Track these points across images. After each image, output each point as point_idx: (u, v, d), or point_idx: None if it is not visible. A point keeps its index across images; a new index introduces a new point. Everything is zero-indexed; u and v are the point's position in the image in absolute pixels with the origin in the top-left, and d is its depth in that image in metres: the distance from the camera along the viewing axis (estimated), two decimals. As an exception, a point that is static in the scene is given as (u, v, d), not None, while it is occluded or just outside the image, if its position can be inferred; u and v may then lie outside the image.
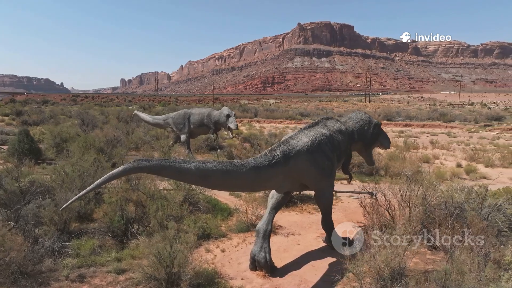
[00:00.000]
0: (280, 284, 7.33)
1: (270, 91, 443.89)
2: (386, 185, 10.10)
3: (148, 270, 6.75)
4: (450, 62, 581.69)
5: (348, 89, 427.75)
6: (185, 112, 20.49)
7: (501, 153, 25.43)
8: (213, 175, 6.36)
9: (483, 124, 50.02)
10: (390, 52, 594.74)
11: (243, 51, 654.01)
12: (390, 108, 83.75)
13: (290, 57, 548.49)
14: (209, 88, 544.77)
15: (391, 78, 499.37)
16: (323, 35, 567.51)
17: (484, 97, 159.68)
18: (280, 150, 7.29)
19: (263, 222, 7.85)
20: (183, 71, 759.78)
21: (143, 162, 5.99)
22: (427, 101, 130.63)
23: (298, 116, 63.90)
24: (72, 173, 11.29)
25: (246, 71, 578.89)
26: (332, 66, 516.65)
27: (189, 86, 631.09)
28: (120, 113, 43.83)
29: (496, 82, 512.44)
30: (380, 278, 5.46)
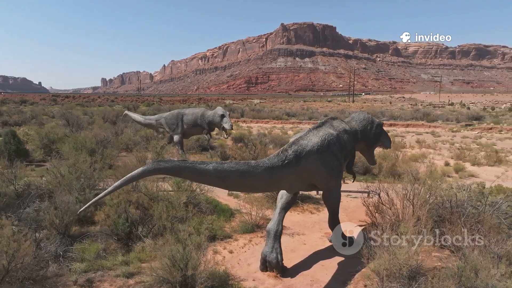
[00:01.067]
0: (292, 284, 7.33)
1: (253, 91, 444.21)
2: (387, 185, 10.23)
3: (162, 273, 6.63)
4: (429, 63, 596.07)
5: (331, 89, 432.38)
6: (178, 112, 20.25)
7: (485, 152, 26.24)
8: (231, 176, 6.31)
9: (465, 124, 51.42)
10: (372, 53, 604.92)
11: (227, 51, 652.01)
12: (374, 108, 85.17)
13: (273, 57, 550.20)
14: (192, 88, 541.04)
15: (373, 78, 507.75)
16: (306, 36, 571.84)
17: (462, 97, 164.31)
18: (292, 150, 7.29)
19: (274, 223, 7.83)
20: (165, 70, 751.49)
21: (162, 163, 5.89)
22: (409, 101, 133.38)
23: (285, 116, 64.19)
24: (69, 175, 10.99)
25: (230, 71, 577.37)
26: (315, 67, 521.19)
27: (172, 86, 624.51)
28: (105, 114, 43.00)
29: (473, 82, 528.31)
30: (400, 276, 5.52)
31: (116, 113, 48.15)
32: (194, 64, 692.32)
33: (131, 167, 13.04)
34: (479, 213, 7.20)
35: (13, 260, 5.58)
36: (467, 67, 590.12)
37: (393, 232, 6.97)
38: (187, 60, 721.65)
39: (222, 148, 25.29)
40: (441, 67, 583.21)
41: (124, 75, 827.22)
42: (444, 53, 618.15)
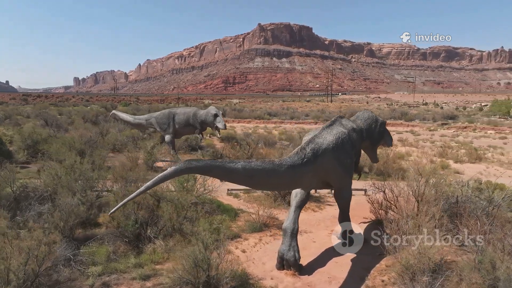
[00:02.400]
0: (311, 281, 7.38)
1: (231, 91, 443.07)
2: (391, 182, 10.46)
3: (184, 275, 6.52)
4: (402, 64, 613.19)
5: (308, 89, 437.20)
6: (169, 112, 19.93)
7: (465, 150, 27.29)
8: (258, 174, 6.30)
9: (441, 123, 53.30)
10: (347, 53, 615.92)
11: (204, 51, 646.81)
12: (353, 108, 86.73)
13: (251, 57, 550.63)
14: (169, 87, 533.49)
15: (348, 79, 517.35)
16: (282, 36, 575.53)
17: (435, 97, 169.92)
18: (309, 149, 7.34)
19: (290, 221, 7.85)
20: (141, 70, 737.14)
21: (194, 162, 5.80)
22: (384, 101, 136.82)
23: (266, 116, 64.41)
24: (67, 177, 10.62)
25: (207, 70, 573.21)
26: (292, 67, 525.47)
27: (147, 86, 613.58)
28: (85, 114, 41.83)
29: (443, 83, 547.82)
30: (429, 270, 5.67)
31: (96, 113, 46.99)
32: (171, 63, 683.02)
33: (129, 167, 12.72)
34: (492, 207, 7.49)
35: (42, 265, 5.33)
36: (437, 68, 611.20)
37: (410, 229, 7.12)
38: (163, 60, 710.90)
39: (211, 148, 25.14)
40: (413, 68, 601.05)
41: (98, 74, 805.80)
42: (416, 55, 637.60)
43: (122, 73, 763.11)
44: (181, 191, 10.86)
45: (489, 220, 7.18)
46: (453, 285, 5.24)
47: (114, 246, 8.44)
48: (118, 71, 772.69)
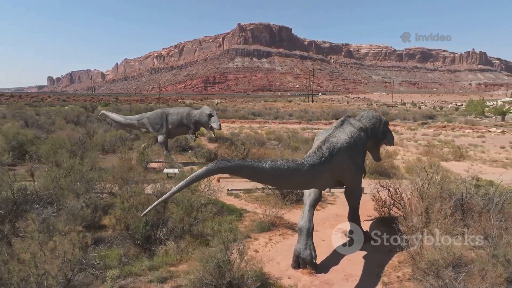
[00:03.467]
0: (328, 279, 7.44)
1: (211, 91, 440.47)
2: (395, 181, 10.67)
3: (206, 276, 6.44)
4: (379, 65, 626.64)
5: (288, 89, 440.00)
6: (162, 111, 19.61)
7: (448, 148, 28.19)
8: (284, 174, 6.31)
9: (421, 123, 54.84)
10: (326, 54, 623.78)
11: (183, 50, 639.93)
12: (334, 108, 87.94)
13: (230, 57, 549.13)
14: (147, 87, 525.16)
15: (327, 79, 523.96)
16: (262, 36, 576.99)
17: (412, 97, 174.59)
18: (325, 148, 7.40)
19: (305, 220, 7.89)
20: (118, 69, 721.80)
21: (225, 162, 5.75)
22: (364, 101, 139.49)
23: (251, 116, 64.49)
24: (67, 179, 10.30)
25: (186, 70, 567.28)
26: (272, 67, 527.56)
27: (125, 85, 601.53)
28: (68, 114, 40.70)
29: (418, 84, 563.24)
30: (453, 265, 5.83)
31: (77, 113, 45.79)
32: (149, 63, 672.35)
33: (128, 168, 12.46)
34: (502, 204, 7.77)
35: (75, 269, 5.14)
36: (413, 69, 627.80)
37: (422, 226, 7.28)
38: (142, 59, 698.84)
39: (201, 148, 24.93)
40: (390, 68, 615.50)
41: (73, 73, 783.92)
42: (393, 56, 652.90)
43: (99, 73, 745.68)
44: (186, 191, 10.73)
45: (499, 216, 7.45)
46: (476, 279, 5.41)
47: (124, 249, 8.26)
48: (95, 71, 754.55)
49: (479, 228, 6.92)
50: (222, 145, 24.18)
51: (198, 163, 19.52)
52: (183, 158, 21.39)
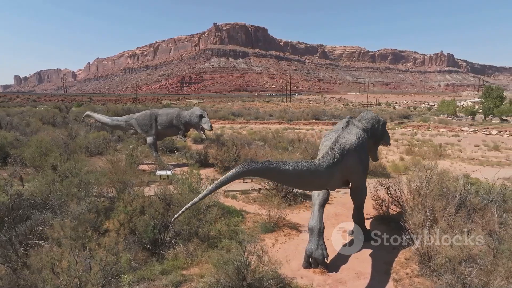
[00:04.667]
0: (340, 278, 7.57)
1: (187, 91, 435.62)
2: (393, 180, 10.95)
3: (226, 279, 6.40)
4: (353, 66, 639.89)
5: (265, 89, 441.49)
6: (151, 112, 19.24)
7: (427, 147, 29.21)
8: (305, 175, 6.37)
9: (398, 122, 56.43)
10: (301, 55, 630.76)
11: (158, 50, 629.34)
12: (313, 108, 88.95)
13: (206, 57, 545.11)
14: (121, 87, 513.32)
15: (303, 79, 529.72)
16: (238, 36, 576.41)
17: (386, 97, 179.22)
18: (337, 149, 7.53)
19: (316, 220, 7.98)
20: (90, 68, 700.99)
21: (253, 164, 5.75)
22: (340, 101, 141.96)
23: (231, 116, 64.29)
24: (65, 183, 9.96)
25: (162, 70, 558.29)
26: (249, 67, 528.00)
27: (98, 85, 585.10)
28: (43, 115, 39.28)
29: (391, 84, 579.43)
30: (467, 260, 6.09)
31: (53, 114, 44.23)
32: (123, 62, 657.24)
33: (124, 171, 12.18)
34: (505, 201, 8.15)
35: (109, 274, 4.98)
36: (385, 70, 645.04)
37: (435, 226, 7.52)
38: (115, 58, 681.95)
39: (188, 149, 24.68)
40: (363, 69, 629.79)
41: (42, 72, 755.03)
42: (366, 57, 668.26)
43: (70, 72, 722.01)
44: (189, 193, 10.62)
45: (499, 212, 7.82)
46: (492, 273, 5.67)
47: (132, 253, 8.08)
48: (65, 70, 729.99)
49: (484, 224, 7.23)
50: (208, 146, 24.05)
51: (187, 164, 19.33)
52: (171, 160, 21.11)
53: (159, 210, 8.93)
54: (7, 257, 6.14)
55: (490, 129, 45.73)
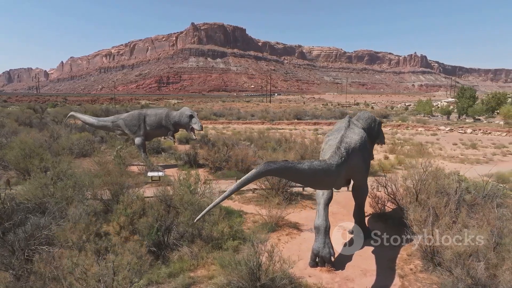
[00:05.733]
0: (347, 275, 7.66)
1: (165, 91, 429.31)
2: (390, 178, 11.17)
3: (239, 281, 6.35)
4: (330, 66, 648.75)
5: (244, 89, 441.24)
6: (139, 113, 18.84)
7: (409, 146, 30.02)
8: (319, 174, 6.40)
9: (377, 122, 57.68)
10: (280, 55, 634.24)
11: (134, 49, 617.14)
12: (294, 108, 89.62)
13: (184, 56, 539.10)
14: (96, 87, 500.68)
15: (282, 80, 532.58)
16: (217, 36, 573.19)
17: (363, 97, 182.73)
18: (343, 148, 7.61)
19: (322, 219, 8.04)
20: (64, 68, 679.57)
21: (272, 164, 5.73)
22: (319, 101, 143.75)
23: (213, 116, 63.93)
24: (60, 186, 9.63)
25: (139, 70, 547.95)
26: (227, 67, 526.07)
27: (72, 85, 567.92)
28: (19, 116, 37.86)
29: (367, 85, 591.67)
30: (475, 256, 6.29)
31: (29, 115, 42.69)
32: (98, 61, 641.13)
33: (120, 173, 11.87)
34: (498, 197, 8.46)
35: (132, 280, 4.81)
36: (361, 71, 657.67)
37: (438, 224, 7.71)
38: (89, 57, 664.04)
39: (174, 150, 24.34)
40: (340, 70, 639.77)
41: (12, 71, 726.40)
42: (343, 58, 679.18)
43: (42, 71, 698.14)
44: (187, 194, 10.47)
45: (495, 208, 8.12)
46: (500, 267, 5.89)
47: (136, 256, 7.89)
48: (37, 69, 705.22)
49: (488, 219, 7.48)
50: (195, 147, 23.82)
51: (177, 165, 19.08)
52: (159, 161, 20.77)
53: (161, 212, 8.77)
54: (10, 264, 5.87)
55: (465, 128, 47.45)
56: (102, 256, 5.14)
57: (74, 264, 4.93)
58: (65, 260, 5.33)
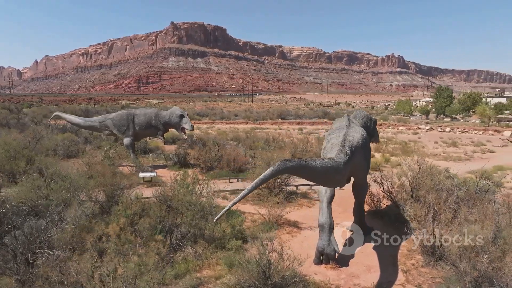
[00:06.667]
0: (352, 272, 7.76)
1: (145, 90, 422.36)
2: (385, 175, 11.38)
3: (249, 280, 6.33)
4: (310, 66, 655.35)
5: (225, 89, 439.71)
6: (128, 112, 18.47)
7: (393, 144, 30.69)
8: (330, 171, 6.45)
9: (359, 121, 58.68)
10: (260, 55, 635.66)
11: (112, 48, 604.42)
12: (278, 108, 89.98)
13: (164, 56, 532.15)
14: (73, 87, 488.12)
15: (262, 79, 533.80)
16: (197, 36, 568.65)
17: (344, 97, 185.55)
18: (347, 146, 7.70)
19: (326, 217, 8.10)
20: (38, 67, 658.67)
21: (288, 162, 5.74)
22: (301, 101, 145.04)
23: (196, 116, 63.51)
24: (54, 187, 9.34)
25: (117, 69, 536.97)
26: (208, 67, 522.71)
27: (47, 85, 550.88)
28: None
29: (346, 85, 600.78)
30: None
31: (5, 116, 41.20)
32: (74, 60, 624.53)
33: (113, 174, 11.62)
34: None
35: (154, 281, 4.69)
36: (341, 71, 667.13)
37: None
38: (65, 56, 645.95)
39: (161, 151, 24.00)
40: (320, 70, 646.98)
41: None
42: (323, 58, 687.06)
43: (15, 70, 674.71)
44: (189, 194, 10.35)
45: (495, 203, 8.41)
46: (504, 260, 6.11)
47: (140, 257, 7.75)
48: (9, 68, 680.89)
49: (482, 214, 7.74)
50: (182, 147, 23.59)
51: (166, 166, 18.85)
52: (147, 161, 20.44)
53: (162, 213, 8.64)
54: (14, 269, 5.65)
55: (444, 127, 48.90)
56: (125, 257, 4.99)
57: (94, 267, 4.78)
58: (83, 264, 5.16)
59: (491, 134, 41.42)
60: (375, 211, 11.23)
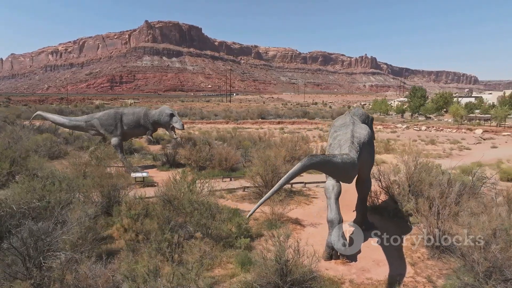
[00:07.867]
0: (362, 266, 7.88)
1: (118, 90, 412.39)
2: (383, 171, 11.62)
3: (269, 278, 6.29)
4: (286, 66, 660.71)
5: (201, 89, 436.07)
6: (115, 112, 17.93)
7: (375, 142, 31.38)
8: (348, 166, 6.53)
9: (339, 120, 59.67)
10: (236, 55, 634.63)
11: (84, 46, 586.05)
12: (257, 107, 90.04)
13: (138, 55, 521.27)
14: (42, 86, 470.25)
15: (239, 80, 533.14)
16: (172, 35, 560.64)
17: (320, 97, 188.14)
18: (356, 143, 7.82)
19: (335, 213, 8.16)
20: (4, 65, 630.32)
21: (314, 158, 5.77)
22: (278, 101, 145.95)
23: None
24: (50, 189, 8.96)
25: (89, 68, 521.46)
26: (183, 67, 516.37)
27: (14, 84, 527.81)
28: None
29: (321, 85, 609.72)
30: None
31: (-25, 116, 39.21)
32: (43, 59, 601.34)
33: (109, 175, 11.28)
34: None
35: None
36: (316, 71, 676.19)
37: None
38: (33, 55, 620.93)
39: (146, 151, 23.53)
40: (296, 70, 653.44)
41: None
42: (298, 58, 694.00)
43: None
44: (187, 193, 10.19)
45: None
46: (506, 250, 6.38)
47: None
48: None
49: (481, 206, 8.06)
50: (166, 147, 23.22)
51: (155, 166, 18.49)
52: (133, 162, 19.96)
53: (171, 213, 8.48)
54: (28, 274, 5.37)
55: (420, 125, 50.52)
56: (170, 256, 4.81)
57: (131, 267, 4.60)
58: (120, 263, 4.95)
59: (464, 132, 43.17)
60: (373, 206, 11.44)
